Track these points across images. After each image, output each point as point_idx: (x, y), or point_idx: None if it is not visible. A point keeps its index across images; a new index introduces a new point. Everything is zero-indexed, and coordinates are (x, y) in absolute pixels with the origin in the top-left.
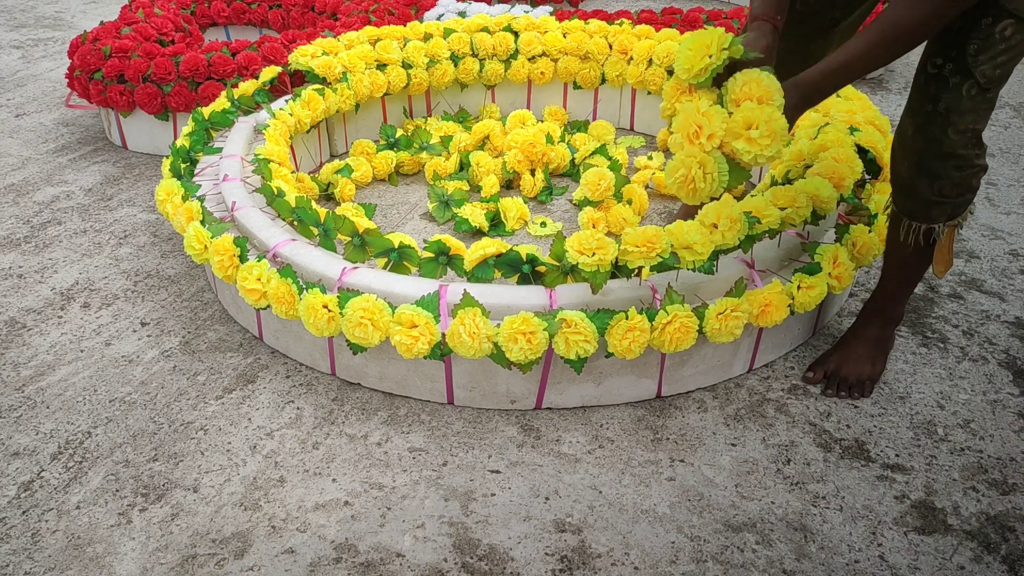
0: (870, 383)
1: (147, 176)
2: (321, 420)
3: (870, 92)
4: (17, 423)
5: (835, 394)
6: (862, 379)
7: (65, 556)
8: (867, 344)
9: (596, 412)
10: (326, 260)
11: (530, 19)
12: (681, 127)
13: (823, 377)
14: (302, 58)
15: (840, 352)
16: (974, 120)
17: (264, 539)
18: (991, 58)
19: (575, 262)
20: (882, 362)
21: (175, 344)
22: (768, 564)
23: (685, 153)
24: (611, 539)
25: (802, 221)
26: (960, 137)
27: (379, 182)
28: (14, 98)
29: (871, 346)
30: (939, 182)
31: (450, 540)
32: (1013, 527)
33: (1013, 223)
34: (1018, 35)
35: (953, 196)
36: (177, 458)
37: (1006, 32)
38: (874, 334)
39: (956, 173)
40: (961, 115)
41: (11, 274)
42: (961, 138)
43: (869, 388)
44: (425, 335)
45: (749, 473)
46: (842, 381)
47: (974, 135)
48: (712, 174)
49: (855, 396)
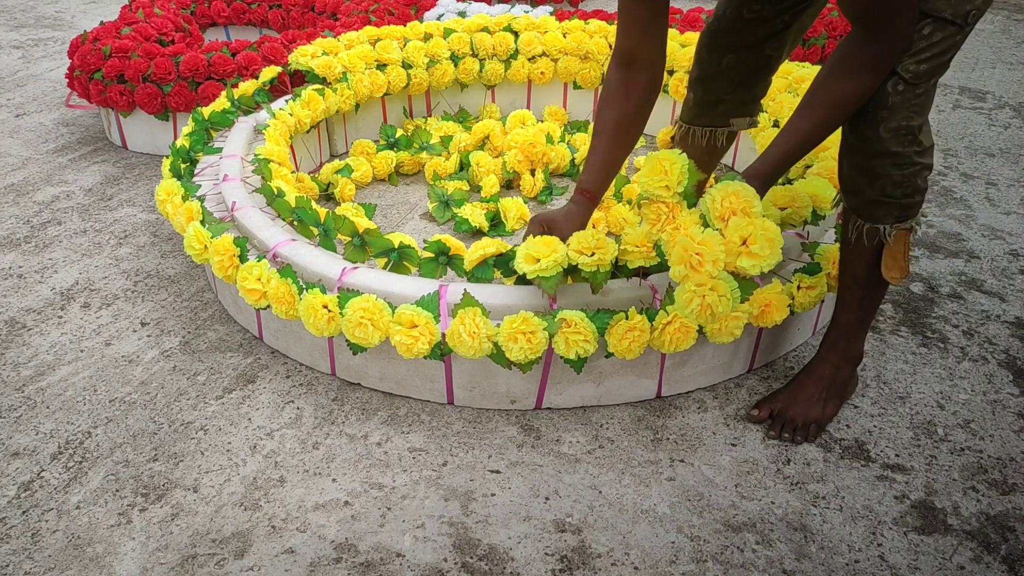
0: (816, 427)
1: (147, 176)
2: (321, 420)
3: None
4: (17, 423)
5: (777, 436)
6: (808, 421)
7: (65, 556)
8: (819, 383)
9: (596, 412)
10: (326, 260)
11: (530, 19)
12: (681, 259)
13: (768, 416)
14: (302, 58)
15: (790, 390)
16: (906, 117)
17: (264, 539)
18: (914, 55)
19: (575, 262)
20: (835, 406)
21: (175, 344)
22: (768, 564)
23: (693, 283)
24: (611, 539)
25: (802, 221)
26: (892, 135)
27: (379, 182)
28: (14, 98)
29: (823, 386)
30: (879, 181)
31: (450, 540)
32: (1013, 527)
33: (1013, 223)
34: (938, 32)
35: (898, 196)
36: (177, 458)
37: (924, 31)
38: (828, 373)
39: (896, 172)
40: (891, 111)
41: (11, 274)
42: (894, 135)
43: (815, 432)
44: (425, 335)
45: (749, 473)
46: (787, 422)
47: (908, 131)
48: (725, 296)
49: (798, 440)
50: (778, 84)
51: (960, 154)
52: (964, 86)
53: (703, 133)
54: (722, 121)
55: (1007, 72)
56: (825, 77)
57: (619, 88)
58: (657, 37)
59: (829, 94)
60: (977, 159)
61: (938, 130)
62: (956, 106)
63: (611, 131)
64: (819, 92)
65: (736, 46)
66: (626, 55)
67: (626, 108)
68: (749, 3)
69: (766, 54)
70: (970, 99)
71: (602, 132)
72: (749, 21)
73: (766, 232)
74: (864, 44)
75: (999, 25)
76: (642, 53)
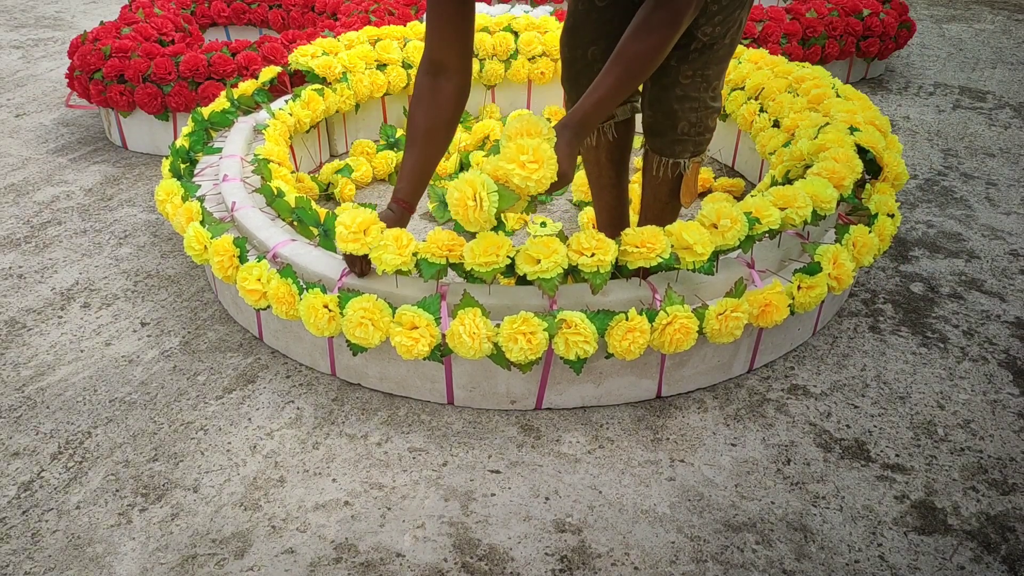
0: None
1: (147, 176)
2: (321, 420)
3: (870, 92)
4: (17, 423)
5: None
6: None
7: (65, 556)
8: None
9: (596, 412)
10: (326, 260)
11: (530, 19)
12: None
13: None
14: (302, 58)
15: None
16: (702, 67)
17: (264, 539)
18: (708, 19)
19: (575, 262)
20: None
21: (175, 344)
22: (768, 564)
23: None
24: (611, 539)
25: (802, 221)
26: (690, 82)
27: (379, 182)
28: (14, 98)
29: None
30: (680, 123)
31: (450, 540)
32: (1013, 527)
33: (1013, 223)
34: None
35: (693, 135)
36: (177, 458)
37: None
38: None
39: (692, 114)
40: (690, 64)
41: (11, 274)
42: (691, 83)
43: None
44: (425, 336)
45: (749, 473)
46: None
47: (703, 79)
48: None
49: None
50: (778, 84)
51: (960, 154)
52: (964, 86)
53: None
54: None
55: (1007, 72)
56: (625, 38)
57: (428, 95)
58: (464, 45)
59: (628, 52)
60: (977, 159)
61: (938, 130)
62: (956, 106)
63: (422, 139)
64: (620, 51)
65: (596, 36)
66: (434, 63)
67: (436, 115)
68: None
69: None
70: (970, 99)
71: (413, 141)
72: (602, 9)
73: (539, 150)
74: (654, 9)
75: (999, 25)
76: (450, 61)
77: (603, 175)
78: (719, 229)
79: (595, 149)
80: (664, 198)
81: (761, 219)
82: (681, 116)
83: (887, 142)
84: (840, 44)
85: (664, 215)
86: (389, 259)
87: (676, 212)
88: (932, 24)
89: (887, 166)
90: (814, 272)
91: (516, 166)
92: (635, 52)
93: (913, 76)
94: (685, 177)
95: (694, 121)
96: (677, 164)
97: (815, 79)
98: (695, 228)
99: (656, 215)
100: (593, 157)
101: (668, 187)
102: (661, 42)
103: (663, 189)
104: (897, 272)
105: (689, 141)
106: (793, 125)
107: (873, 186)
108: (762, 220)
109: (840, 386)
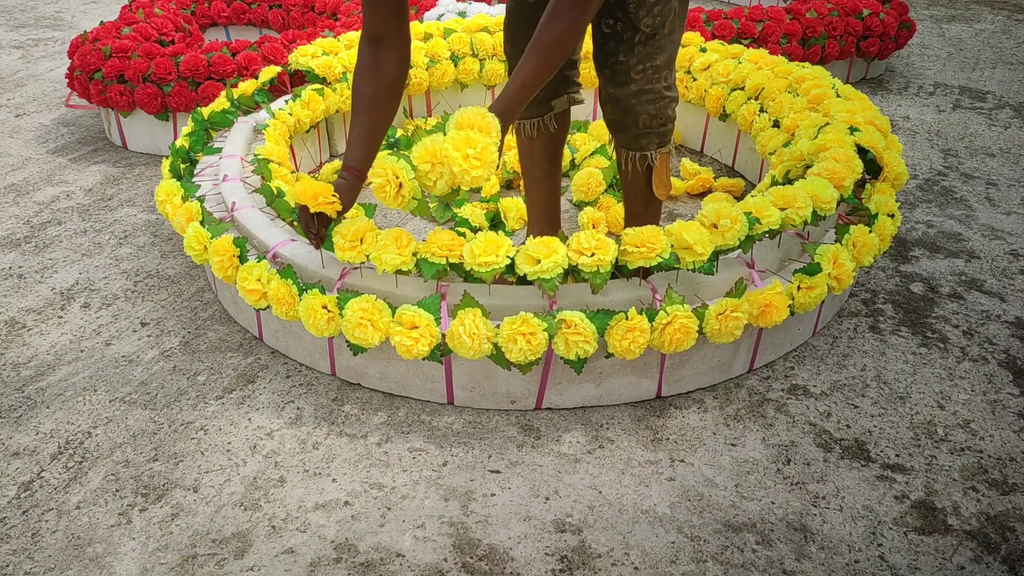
0: None
1: (147, 176)
2: (321, 420)
3: (870, 92)
4: (17, 423)
5: None
6: None
7: (65, 556)
8: None
9: (596, 412)
10: (326, 260)
11: None
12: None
13: None
14: (302, 58)
15: None
16: (650, 57)
17: (264, 539)
18: (648, 11)
19: (575, 262)
20: None
21: (175, 344)
22: (768, 564)
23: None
24: (611, 539)
25: (802, 221)
26: (642, 75)
27: None
28: (14, 98)
29: None
30: (640, 117)
31: (450, 540)
32: (1013, 527)
33: (1013, 223)
34: None
35: (655, 127)
36: (177, 458)
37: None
38: None
39: (651, 106)
40: (639, 59)
41: (11, 274)
42: (643, 76)
43: None
44: (425, 336)
45: (749, 473)
46: None
47: (653, 70)
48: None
49: None
50: (778, 84)
51: (960, 154)
52: (964, 86)
53: (532, 125)
54: (544, 108)
55: (1007, 72)
56: (540, 26)
57: (370, 63)
58: (400, 17)
59: (543, 39)
60: (977, 159)
61: (938, 130)
62: (956, 106)
63: (367, 107)
64: (536, 38)
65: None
66: (374, 34)
67: (380, 83)
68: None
69: None
70: (970, 99)
71: (360, 109)
72: (533, 5)
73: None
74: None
75: (999, 25)
76: (388, 31)
77: (536, 167)
78: (719, 229)
79: (532, 141)
80: (642, 193)
81: (761, 219)
82: (640, 110)
83: (887, 142)
84: (840, 44)
85: (647, 210)
86: (389, 259)
87: (659, 206)
88: (932, 24)
89: (887, 166)
90: (814, 272)
91: (460, 156)
92: (549, 37)
93: (913, 76)
94: (655, 169)
95: (653, 113)
96: (645, 157)
97: (815, 79)
98: (695, 228)
99: (639, 211)
100: (528, 149)
101: (642, 181)
102: (572, 24)
103: (638, 184)
104: (897, 272)
105: (653, 133)
106: (793, 125)
107: (873, 186)
108: (762, 220)
109: (840, 386)
